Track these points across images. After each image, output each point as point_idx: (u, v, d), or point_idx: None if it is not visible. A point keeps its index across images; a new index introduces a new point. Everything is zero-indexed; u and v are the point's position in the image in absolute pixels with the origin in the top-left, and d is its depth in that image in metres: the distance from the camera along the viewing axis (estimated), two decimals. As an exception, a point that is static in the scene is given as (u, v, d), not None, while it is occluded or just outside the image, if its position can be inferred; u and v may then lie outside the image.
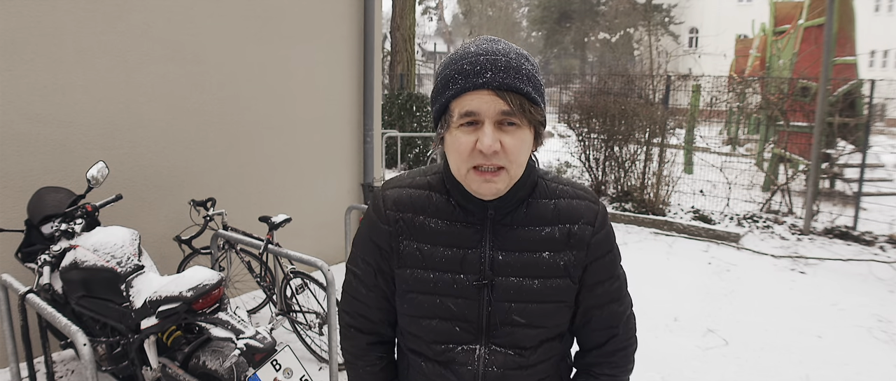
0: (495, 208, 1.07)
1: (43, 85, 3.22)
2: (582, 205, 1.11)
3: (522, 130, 0.99)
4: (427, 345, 1.14)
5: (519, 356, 1.11)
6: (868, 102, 7.24)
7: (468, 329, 1.11)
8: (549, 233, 1.09)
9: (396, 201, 1.12)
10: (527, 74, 0.98)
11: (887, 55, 28.11)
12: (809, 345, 3.85)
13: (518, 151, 0.99)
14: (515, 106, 0.96)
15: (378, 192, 1.17)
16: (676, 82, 8.57)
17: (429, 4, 35.97)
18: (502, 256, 1.08)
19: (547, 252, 1.08)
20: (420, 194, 1.12)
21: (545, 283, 1.08)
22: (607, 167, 7.96)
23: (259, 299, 4.26)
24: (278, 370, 2.21)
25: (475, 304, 1.09)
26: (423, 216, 1.10)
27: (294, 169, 4.74)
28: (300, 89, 4.69)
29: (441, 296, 1.10)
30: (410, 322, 1.15)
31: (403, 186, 1.14)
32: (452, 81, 0.98)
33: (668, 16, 31.16)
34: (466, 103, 0.97)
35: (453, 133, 1.00)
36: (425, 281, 1.10)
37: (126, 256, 2.51)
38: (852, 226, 6.62)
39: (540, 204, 1.10)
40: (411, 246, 1.11)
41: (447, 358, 1.13)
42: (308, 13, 4.66)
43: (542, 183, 1.12)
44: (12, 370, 2.69)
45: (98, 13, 3.40)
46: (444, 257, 1.09)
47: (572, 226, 1.09)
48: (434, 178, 1.13)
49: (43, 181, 3.25)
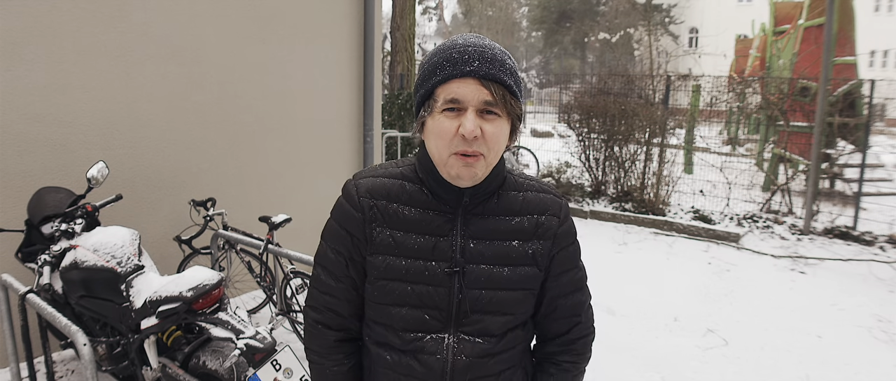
0: (470, 195, 1.11)
1: (43, 85, 3.22)
2: (548, 198, 1.18)
3: (502, 121, 1.04)
4: (395, 334, 1.15)
5: (486, 344, 1.14)
6: (868, 102, 7.24)
7: (437, 317, 1.13)
8: (518, 223, 1.14)
9: (369, 190, 1.15)
10: (509, 69, 1.04)
11: (887, 55, 28.11)
12: (809, 345, 3.85)
13: (497, 140, 1.04)
14: (498, 96, 1.01)
15: (350, 181, 1.18)
16: (676, 82, 8.57)
17: (429, 4, 35.96)
18: (474, 244, 1.12)
19: (516, 241, 1.13)
20: (393, 183, 1.15)
21: (514, 271, 1.13)
22: (607, 167, 7.96)
23: (259, 299, 4.26)
24: (278, 370, 2.21)
25: (446, 291, 1.12)
26: (396, 204, 1.13)
27: (294, 169, 4.74)
28: (300, 89, 4.69)
29: (412, 283, 1.12)
30: (379, 311, 1.16)
31: (376, 175, 1.17)
32: (440, 68, 1.03)
33: (668, 16, 31.15)
34: (452, 90, 1.01)
35: (436, 118, 1.04)
36: (397, 268, 1.12)
37: (126, 256, 2.51)
38: (852, 226, 6.62)
39: (509, 196, 1.15)
40: (384, 233, 1.13)
41: (415, 347, 1.14)
42: (308, 13, 4.66)
43: (510, 177, 1.18)
44: (12, 370, 2.69)
45: (98, 13, 3.39)
46: (417, 245, 1.11)
47: (540, 216, 1.15)
48: (407, 168, 1.17)
49: (43, 181, 3.25)
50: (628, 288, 4.80)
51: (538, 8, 36.68)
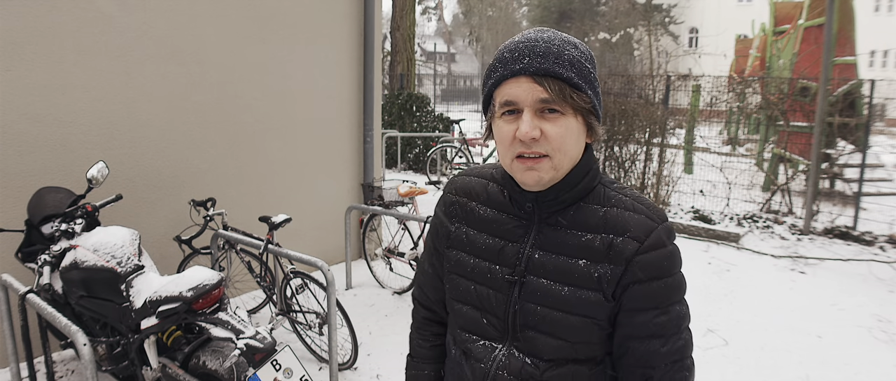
0: (534, 201, 1.04)
1: (43, 85, 3.22)
2: (635, 218, 1.01)
3: (566, 118, 0.95)
4: (457, 332, 1.17)
5: (534, 368, 1.05)
6: (868, 102, 7.24)
7: (494, 324, 1.09)
8: (589, 240, 1.02)
9: (459, 187, 1.18)
10: (569, 59, 0.94)
11: (887, 55, 28.12)
12: (809, 345, 3.85)
13: (561, 139, 0.95)
14: (554, 92, 0.93)
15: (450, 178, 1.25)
16: (676, 82, 8.57)
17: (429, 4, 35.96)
18: (539, 255, 1.04)
19: (583, 260, 1.01)
20: (480, 183, 1.15)
21: (574, 292, 1.01)
22: (607, 167, 7.96)
23: (259, 299, 4.26)
24: (278, 370, 2.21)
25: (504, 298, 1.07)
26: (476, 203, 1.14)
27: (294, 169, 4.74)
28: (300, 89, 4.69)
29: (476, 283, 1.11)
30: (450, 305, 1.19)
31: (471, 174, 1.18)
32: (493, 70, 0.99)
33: (668, 16, 31.16)
34: (506, 92, 0.96)
35: (497, 123, 1.00)
36: (465, 264, 1.12)
37: (126, 256, 2.51)
38: (852, 226, 6.62)
39: (589, 209, 1.04)
40: (461, 229, 1.14)
41: (468, 349, 1.14)
42: (308, 13, 4.66)
43: (600, 189, 1.06)
44: (12, 370, 2.69)
45: (98, 13, 3.40)
46: (486, 245, 1.10)
47: (616, 237, 1.00)
48: (498, 170, 1.15)
49: (43, 181, 3.25)
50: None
51: (538, 8, 36.69)
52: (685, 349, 1.05)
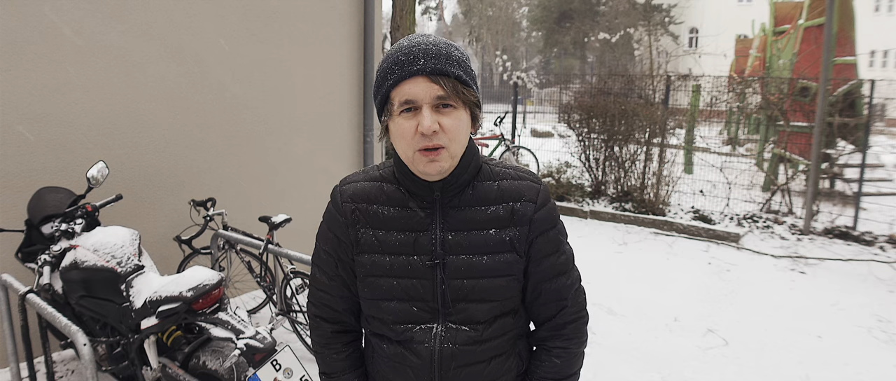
0: (441, 189, 1.15)
1: (43, 85, 3.22)
2: (523, 184, 1.19)
3: (458, 111, 1.08)
4: (388, 327, 1.21)
5: (473, 332, 1.18)
6: (868, 102, 7.23)
7: (425, 308, 1.18)
8: (494, 211, 1.16)
9: (352, 194, 1.22)
10: (456, 60, 1.07)
11: (887, 55, 28.10)
12: (809, 345, 3.85)
13: (456, 130, 1.07)
14: (449, 89, 1.05)
15: (336, 187, 1.26)
16: (676, 82, 8.56)
17: (429, 4, 35.97)
18: (452, 236, 1.16)
19: (493, 229, 1.16)
20: (373, 186, 1.21)
21: (493, 258, 1.16)
22: (607, 167, 7.96)
23: (259, 299, 4.26)
24: (278, 370, 2.21)
25: (430, 283, 1.17)
26: (376, 205, 1.19)
27: (294, 169, 4.74)
28: (300, 89, 4.69)
29: (397, 278, 1.17)
30: (371, 306, 1.22)
31: (358, 180, 1.24)
32: (390, 72, 1.07)
33: (668, 16, 31.14)
34: (405, 91, 1.06)
35: (396, 120, 1.08)
36: (382, 264, 1.18)
37: (126, 256, 2.51)
38: (852, 226, 6.62)
39: (484, 186, 1.18)
40: (368, 233, 1.19)
41: (406, 337, 1.19)
42: (308, 13, 4.66)
43: (485, 167, 1.21)
44: (12, 370, 2.69)
45: (98, 13, 3.40)
46: (398, 241, 1.17)
47: (515, 203, 1.17)
48: (386, 170, 1.23)
49: (43, 181, 3.25)
50: (628, 288, 4.80)
51: (538, 8, 36.68)
52: (579, 278, 1.28)
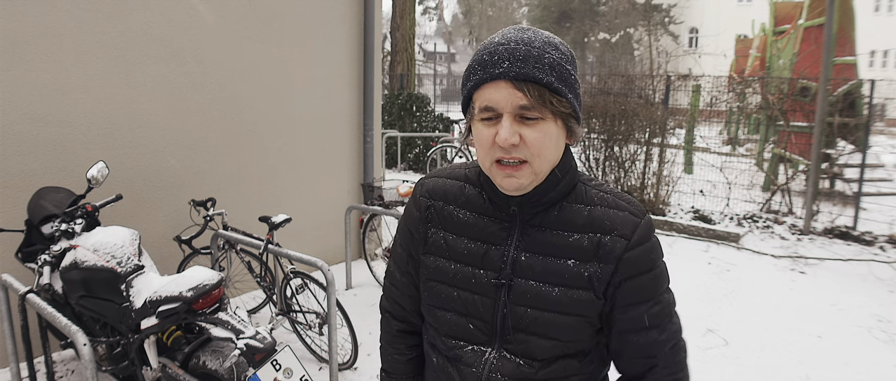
0: (518, 205, 1.02)
1: (43, 85, 3.22)
2: (619, 216, 1.02)
3: (546, 123, 0.93)
4: (440, 339, 1.12)
5: (528, 368, 1.05)
6: (868, 102, 7.23)
7: (482, 329, 1.07)
8: (577, 240, 1.01)
9: (431, 190, 1.13)
10: (549, 63, 0.92)
11: (887, 55, 28.11)
12: (809, 345, 3.85)
13: (541, 145, 0.94)
14: (534, 98, 0.91)
15: (419, 180, 1.19)
16: (676, 82, 8.57)
17: (429, 4, 35.96)
18: (526, 257, 1.03)
19: (572, 260, 1.01)
20: (455, 185, 1.11)
21: (566, 292, 1.01)
22: (607, 167, 7.96)
23: (259, 299, 4.26)
24: (278, 370, 2.21)
25: (491, 303, 1.05)
26: (453, 206, 1.09)
27: (294, 169, 4.74)
28: (300, 89, 4.69)
29: (459, 289, 1.07)
30: (429, 312, 1.14)
31: (442, 176, 1.14)
32: (472, 72, 0.96)
33: (668, 16, 31.16)
34: (485, 96, 0.94)
35: (476, 126, 0.97)
36: (445, 271, 1.09)
37: (126, 256, 2.51)
38: (852, 226, 6.62)
39: (573, 209, 1.03)
40: (438, 234, 1.10)
41: (455, 355, 1.10)
42: (308, 13, 4.66)
43: (581, 187, 1.05)
44: (12, 370, 2.69)
45: (98, 13, 3.39)
46: (468, 250, 1.06)
47: (603, 236, 1.00)
48: (472, 171, 1.12)
49: (43, 181, 3.25)
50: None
51: (538, 8, 36.70)
52: (679, 332, 1.09)
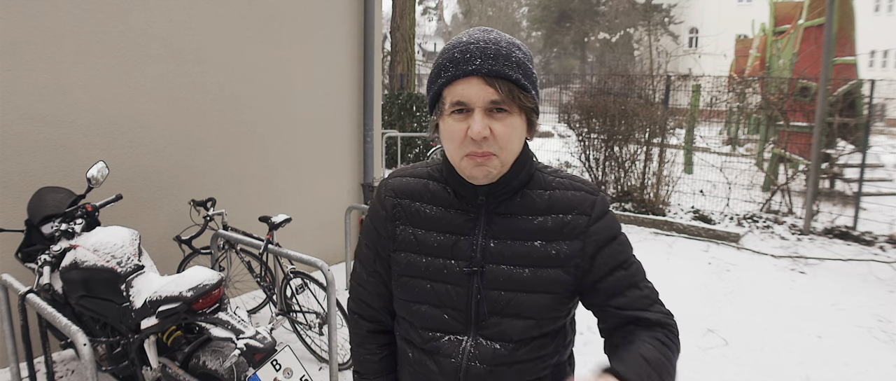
0: (486, 194, 1.08)
1: (43, 85, 3.22)
2: (577, 195, 1.10)
3: (513, 117, 1.00)
4: (416, 332, 1.15)
5: (505, 350, 1.09)
6: (868, 102, 7.23)
7: (457, 318, 1.11)
8: (541, 222, 1.09)
9: (395, 189, 1.17)
10: (516, 62, 0.99)
11: (887, 55, 28.10)
12: (809, 345, 3.85)
13: (508, 138, 1.00)
14: (504, 93, 0.98)
15: (382, 180, 1.21)
16: (676, 82, 8.57)
17: (429, 4, 35.97)
18: (494, 244, 1.09)
19: (539, 241, 1.08)
20: (418, 182, 1.16)
21: (535, 272, 1.08)
22: (607, 167, 7.96)
23: (259, 299, 4.26)
24: (278, 370, 2.21)
25: (464, 291, 1.10)
26: (419, 203, 1.14)
27: (294, 169, 4.74)
28: (300, 89, 4.69)
29: (432, 281, 1.12)
30: (403, 307, 1.17)
31: (404, 175, 1.19)
32: (443, 69, 1.01)
33: (668, 16, 31.15)
34: (457, 92, 0.99)
35: (446, 120, 1.02)
36: (418, 265, 1.13)
37: (126, 256, 2.51)
38: (852, 226, 6.62)
39: (534, 194, 1.11)
40: (407, 231, 1.14)
41: (433, 347, 1.13)
42: (308, 13, 4.66)
43: (538, 175, 1.13)
44: (12, 370, 2.69)
45: (98, 13, 3.39)
46: (437, 242, 1.11)
47: (566, 216, 1.09)
48: (434, 168, 1.17)
49: (43, 181, 3.25)
50: None
51: (538, 8, 36.69)
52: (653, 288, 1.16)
